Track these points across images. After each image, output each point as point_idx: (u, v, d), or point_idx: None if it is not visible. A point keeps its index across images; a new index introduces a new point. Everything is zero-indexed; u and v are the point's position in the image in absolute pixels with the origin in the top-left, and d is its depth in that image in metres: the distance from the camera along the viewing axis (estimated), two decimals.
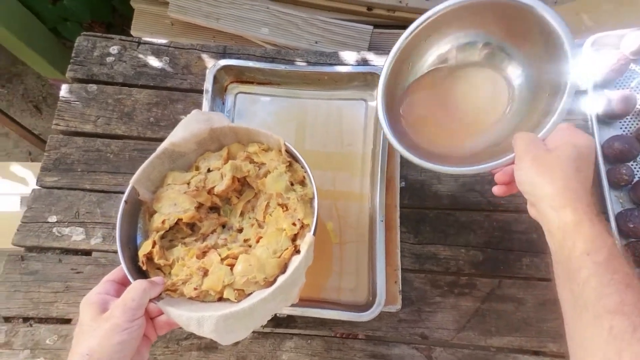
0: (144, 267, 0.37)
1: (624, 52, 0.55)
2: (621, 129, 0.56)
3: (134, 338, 0.30)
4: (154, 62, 0.62)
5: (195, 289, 0.36)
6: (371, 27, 0.88)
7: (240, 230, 0.42)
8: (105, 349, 0.29)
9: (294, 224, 0.37)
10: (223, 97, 0.58)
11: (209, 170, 0.42)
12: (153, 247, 0.37)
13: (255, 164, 0.42)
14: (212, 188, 0.41)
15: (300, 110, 0.58)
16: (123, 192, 0.55)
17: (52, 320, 0.51)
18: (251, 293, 0.36)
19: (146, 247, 0.37)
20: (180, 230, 0.41)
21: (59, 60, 1.12)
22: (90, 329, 0.30)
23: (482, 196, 0.55)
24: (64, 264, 0.53)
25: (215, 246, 0.39)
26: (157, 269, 0.38)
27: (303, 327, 0.50)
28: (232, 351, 0.50)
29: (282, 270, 0.36)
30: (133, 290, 0.32)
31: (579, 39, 0.61)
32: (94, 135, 0.59)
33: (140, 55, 0.63)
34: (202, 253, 0.38)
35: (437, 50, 0.44)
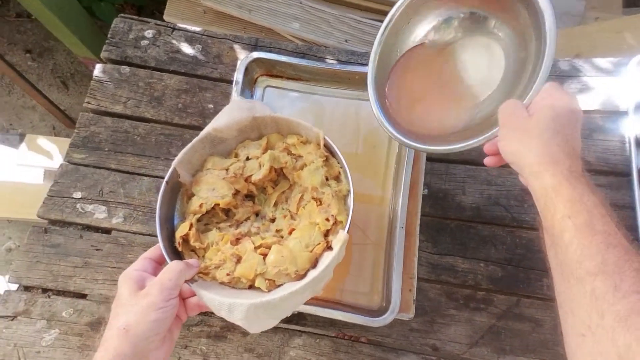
0: (180, 248, 0.38)
1: None
2: None
3: (168, 317, 0.31)
4: (186, 49, 0.63)
5: (228, 275, 0.36)
6: None
7: (273, 220, 0.42)
8: (141, 325, 0.30)
9: (328, 220, 0.37)
10: (252, 89, 0.58)
11: (247, 158, 0.43)
12: (190, 229, 0.38)
13: (292, 155, 0.43)
14: (250, 176, 0.42)
15: (328, 108, 0.57)
16: (147, 175, 0.57)
17: (69, 294, 0.52)
18: (281, 284, 0.36)
19: (183, 229, 0.38)
20: (215, 215, 0.42)
21: (91, 39, 1.14)
22: (128, 304, 0.31)
23: (507, 211, 0.53)
24: (84, 240, 0.54)
25: (248, 234, 0.40)
26: (191, 250, 0.39)
27: (313, 326, 0.50)
28: (240, 342, 0.50)
29: (313, 265, 0.37)
30: (170, 270, 0.33)
31: (621, 57, 0.59)
32: (123, 117, 0.60)
33: (174, 41, 0.63)
34: (236, 239, 0.39)
35: (422, 30, 0.45)
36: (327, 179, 0.41)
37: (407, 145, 0.43)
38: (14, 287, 0.52)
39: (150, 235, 0.54)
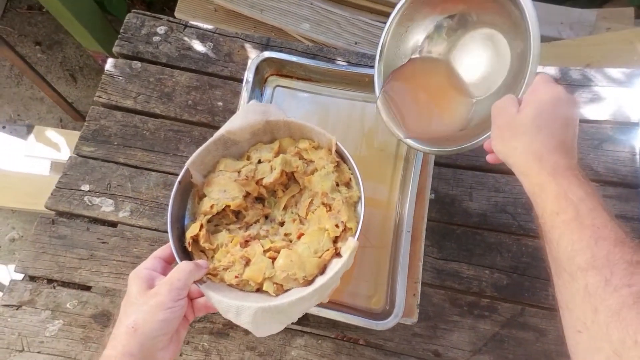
0: (190, 249, 0.38)
1: None
2: None
3: (176, 317, 0.31)
4: (198, 46, 0.63)
5: (236, 277, 0.36)
6: None
7: (282, 224, 0.42)
8: (149, 324, 0.30)
9: (337, 226, 0.37)
10: (262, 88, 0.58)
11: (259, 162, 0.43)
12: (200, 230, 0.38)
13: (304, 160, 0.43)
14: (261, 179, 0.42)
15: (337, 109, 0.57)
16: (155, 170, 0.57)
17: (74, 286, 0.52)
18: (289, 289, 0.36)
19: (194, 229, 0.38)
20: (225, 217, 0.42)
21: (101, 34, 1.15)
22: (137, 303, 0.31)
23: (514, 219, 0.53)
24: (91, 232, 0.54)
25: (257, 236, 0.40)
26: (200, 251, 0.39)
27: (315, 327, 0.50)
28: (242, 340, 0.50)
29: (321, 271, 0.37)
30: (179, 270, 0.33)
31: (633, 68, 0.59)
32: (133, 111, 0.60)
33: (186, 38, 0.63)
34: (245, 242, 0.39)
35: (419, 37, 0.48)
36: (337, 185, 0.41)
37: (414, 147, 0.44)
38: (20, 276, 0.52)
39: (156, 230, 0.54)
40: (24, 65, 0.98)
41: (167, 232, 0.37)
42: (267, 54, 0.56)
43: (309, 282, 0.36)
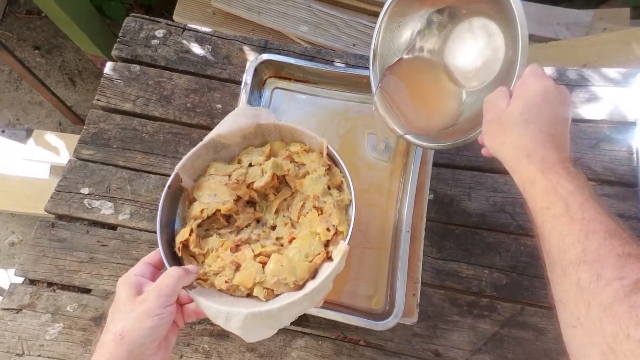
0: (179, 254, 0.38)
1: None
2: None
3: (164, 324, 0.31)
4: (196, 49, 0.63)
5: (226, 282, 0.36)
6: None
7: (274, 228, 0.42)
8: (137, 332, 0.29)
9: (328, 230, 0.37)
10: (261, 90, 0.59)
11: (250, 165, 0.43)
12: (190, 234, 0.38)
13: (295, 163, 0.42)
14: (252, 183, 0.41)
15: (335, 110, 0.58)
16: (154, 172, 0.57)
17: (74, 289, 0.52)
18: (280, 294, 0.36)
19: (184, 234, 0.38)
20: (216, 221, 0.41)
21: (100, 37, 1.15)
22: (125, 310, 0.30)
23: (513, 218, 0.54)
24: (90, 235, 0.54)
25: (248, 240, 0.40)
26: (191, 256, 0.39)
27: (315, 328, 0.50)
28: (242, 341, 0.50)
29: (312, 275, 0.36)
30: (168, 276, 0.32)
31: (629, 68, 0.59)
32: (132, 114, 0.60)
33: (184, 41, 0.64)
34: (236, 246, 0.38)
35: (411, 32, 0.48)
36: (329, 188, 0.41)
37: (413, 143, 0.44)
38: (20, 280, 0.52)
39: (156, 232, 0.54)
40: (23, 69, 0.98)
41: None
42: (265, 57, 0.57)
43: (300, 287, 0.36)
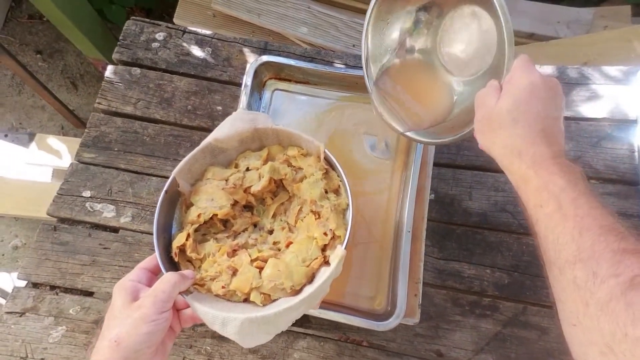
0: (176, 259, 0.38)
1: None
2: None
3: (160, 330, 0.30)
4: (196, 51, 0.64)
5: (223, 287, 0.36)
6: None
7: (271, 232, 0.42)
8: (132, 338, 0.29)
9: (326, 234, 0.37)
10: (261, 92, 0.59)
11: (247, 169, 0.42)
12: (187, 239, 0.38)
13: (292, 167, 0.42)
14: (249, 187, 0.41)
15: (335, 111, 0.58)
16: (155, 175, 0.57)
17: (77, 292, 0.52)
18: (277, 299, 0.35)
19: (180, 239, 0.38)
20: (213, 225, 0.41)
21: (101, 41, 1.16)
22: (120, 316, 0.30)
23: (514, 218, 0.53)
24: (93, 238, 0.54)
25: (245, 245, 0.39)
26: (187, 261, 0.39)
27: (317, 329, 0.50)
28: None
29: (309, 280, 0.36)
30: (164, 282, 0.32)
31: (630, 65, 0.59)
32: (133, 117, 0.60)
33: (184, 44, 0.64)
34: (233, 251, 0.38)
35: (402, 26, 0.47)
36: (326, 192, 0.40)
37: (414, 139, 0.44)
38: (23, 283, 0.53)
39: None
40: (25, 74, 0.99)
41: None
42: (265, 58, 0.57)
43: (297, 292, 0.35)
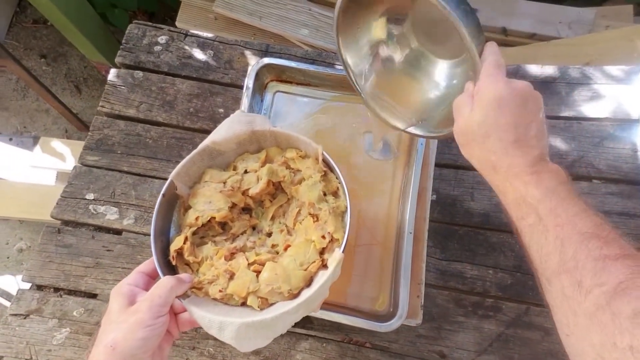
0: (174, 262, 0.38)
1: None
2: None
3: (156, 334, 0.30)
4: (198, 54, 0.64)
5: (220, 291, 0.35)
6: None
7: (270, 235, 0.41)
8: (129, 343, 0.29)
9: (324, 237, 0.37)
10: (262, 94, 0.59)
11: (245, 172, 0.42)
12: (184, 242, 0.38)
13: (291, 169, 0.42)
14: (247, 189, 0.41)
15: (337, 113, 0.58)
16: (158, 177, 0.58)
17: (81, 294, 0.53)
18: (274, 303, 0.35)
19: (178, 242, 0.38)
20: (211, 228, 0.41)
21: (104, 45, 1.17)
22: (117, 321, 0.30)
23: None
24: (96, 240, 0.55)
25: (243, 248, 0.39)
26: (185, 264, 0.38)
27: (319, 330, 0.50)
28: None
29: (307, 284, 0.36)
30: (160, 286, 0.32)
31: (633, 65, 0.59)
32: (135, 120, 0.61)
33: (186, 47, 0.64)
34: (230, 254, 0.38)
35: (371, 39, 0.45)
36: (325, 195, 0.40)
37: (416, 134, 0.44)
38: (27, 285, 0.53)
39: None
40: (29, 78, 1.00)
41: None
42: (266, 60, 0.57)
43: (295, 296, 0.35)
